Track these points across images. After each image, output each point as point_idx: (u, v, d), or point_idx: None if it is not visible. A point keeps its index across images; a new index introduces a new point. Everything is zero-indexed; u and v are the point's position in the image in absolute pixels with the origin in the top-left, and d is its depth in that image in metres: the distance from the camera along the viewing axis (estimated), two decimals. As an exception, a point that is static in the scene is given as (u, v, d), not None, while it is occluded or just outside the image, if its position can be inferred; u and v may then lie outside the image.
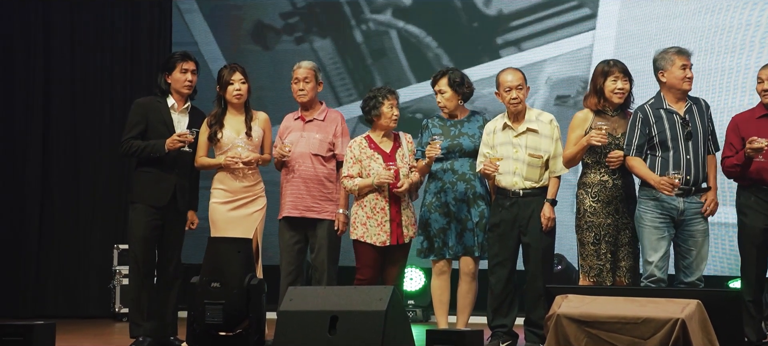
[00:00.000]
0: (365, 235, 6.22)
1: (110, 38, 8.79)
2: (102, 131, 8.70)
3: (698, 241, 5.83)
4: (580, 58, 8.26)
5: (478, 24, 8.50)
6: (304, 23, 8.78)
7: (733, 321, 5.00)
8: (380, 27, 8.72)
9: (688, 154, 5.80)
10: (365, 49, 6.81)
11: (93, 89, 8.76)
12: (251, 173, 6.36)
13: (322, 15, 8.76)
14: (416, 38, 8.64)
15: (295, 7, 8.85)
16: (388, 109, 6.25)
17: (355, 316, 5.16)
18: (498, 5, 8.51)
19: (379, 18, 8.75)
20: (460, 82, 6.31)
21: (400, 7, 8.69)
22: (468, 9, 8.57)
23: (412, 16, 8.66)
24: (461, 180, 6.27)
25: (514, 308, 6.27)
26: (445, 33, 8.60)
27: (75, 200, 8.70)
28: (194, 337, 5.72)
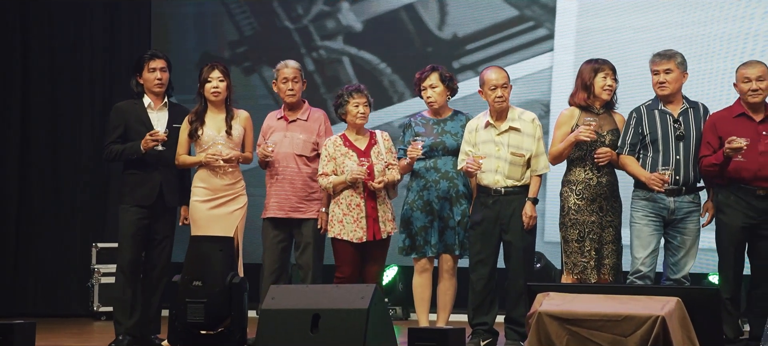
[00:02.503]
0: (342, 232, 6.21)
1: (90, 39, 8.76)
2: (82, 131, 8.65)
3: (688, 240, 5.92)
4: (540, 80, 8.24)
5: (432, 48, 8.44)
6: (253, 52, 8.70)
7: (712, 318, 5.05)
8: (332, 54, 8.66)
9: (678, 154, 5.89)
10: (318, 77, 6.80)
11: (73, 89, 8.72)
12: (232, 170, 6.34)
13: (270, 43, 8.65)
14: (370, 65, 8.60)
15: (242, 36, 8.79)
16: (353, 108, 6.24)
17: (337, 314, 5.17)
18: (452, 29, 8.46)
19: (330, 45, 8.70)
20: (449, 77, 6.36)
21: (351, 33, 8.64)
22: (421, 33, 8.53)
23: (364, 43, 8.61)
24: (444, 178, 6.28)
25: (495, 306, 6.28)
26: (400, 58, 8.54)
27: (54, 199, 8.65)
28: (176, 335, 5.71)
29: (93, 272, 8.25)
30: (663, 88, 5.96)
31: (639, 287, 5.61)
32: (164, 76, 6.40)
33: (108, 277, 7.79)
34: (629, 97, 6.38)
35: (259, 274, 6.51)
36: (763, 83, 5.89)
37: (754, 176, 5.86)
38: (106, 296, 7.94)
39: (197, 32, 8.89)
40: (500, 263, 6.29)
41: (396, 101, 8.47)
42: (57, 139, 8.67)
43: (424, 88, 6.35)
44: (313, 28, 8.69)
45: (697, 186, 6.00)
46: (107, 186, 8.47)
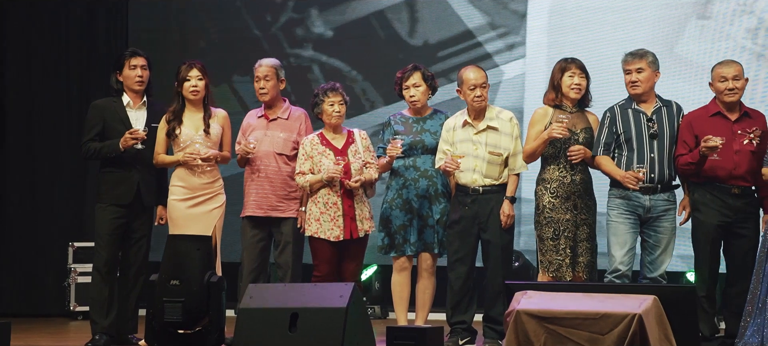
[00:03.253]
0: (319, 230, 6.22)
1: (67, 36, 8.71)
2: (60, 129, 8.59)
3: (664, 238, 5.98)
4: (513, 88, 8.27)
5: (403, 56, 8.37)
6: (221, 60, 8.63)
7: (688, 316, 5.11)
8: (302, 62, 8.64)
9: (653, 152, 5.96)
10: (288, 86, 6.84)
11: (50, 87, 8.66)
12: (210, 169, 6.34)
13: (238, 51, 8.62)
14: (340, 72, 8.59)
15: (209, 43, 8.78)
16: (328, 107, 6.25)
17: (315, 313, 5.18)
18: (423, 36, 8.47)
19: (300, 53, 8.69)
20: (431, 76, 6.41)
21: (321, 41, 8.62)
22: (392, 40, 8.52)
23: (334, 50, 8.60)
24: (423, 177, 6.32)
25: (473, 305, 6.32)
26: (371, 66, 8.55)
27: (31, 198, 8.59)
28: (153, 335, 5.71)
29: (69, 271, 8.21)
30: (635, 87, 6.02)
31: (616, 286, 5.66)
32: (145, 74, 6.40)
33: (85, 276, 7.76)
34: (602, 97, 6.43)
35: (238, 273, 6.52)
36: (739, 82, 5.98)
37: (730, 174, 5.95)
38: (83, 295, 7.90)
39: (171, 37, 8.92)
40: (479, 261, 6.33)
41: (368, 109, 8.48)
42: (33, 137, 8.61)
43: (406, 86, 6.37)
44: (282, 35, 8.69)
45: (673, 184, 6.07)
46: (84, 185, 8.43)
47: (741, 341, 5.76)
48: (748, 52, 7.82)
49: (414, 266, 6.45)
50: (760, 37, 7.85)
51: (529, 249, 8.00)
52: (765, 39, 7.84)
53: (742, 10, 7.92)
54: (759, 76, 7.76)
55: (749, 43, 7.85)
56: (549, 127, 5.98)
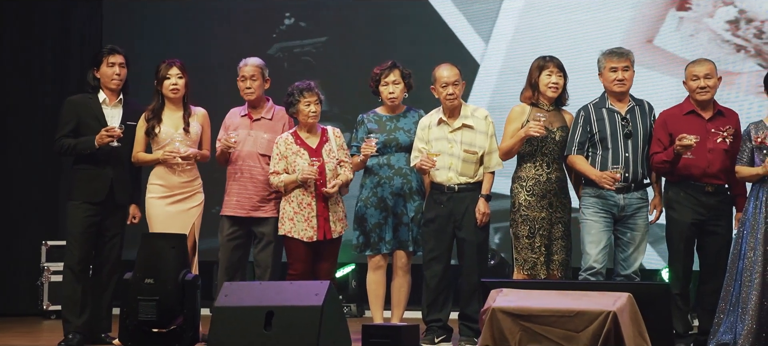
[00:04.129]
0: (293, 230, 6.27)
1: (40, 33, 8.71)
2: (33, 127, 8.61)
3: (637, 235, 6.07)
4: (483, 87, 8.37)
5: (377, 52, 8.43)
6: (199, 58, 8.61)
7: (662, 313, 5.22)
8: (282, 56, 8.72)
9: (627, 152, 6.05)
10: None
11: (23, 83, 8.67)
12: (189, 168, 6.38)
13: (214, 50, 8.71)
14: (311, 66, 8.72)
15: (186, 41, 8.81)
16: (304, 107, 6.29)
17: (291, 311, 5.24)
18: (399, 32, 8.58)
19: (281, 46, 8.78)
20: (408, 74, 6.47)
21: (298, 33, 8.76)
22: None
23: (312, 44, 8.74)
24: (398, 175, 6.38)
25: (449, 303, 6.39)
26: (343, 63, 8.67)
27: (4, 196, 8.60)
28: (127, 333, 5.74)
29: (43, 270, 8.24)
30: (622, 85, 6.09)
31: (591, 283, 5.74)
32: (123, 71, 6.43)
33: (58, 275, 7.72)
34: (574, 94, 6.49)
35: (214, 271, 6.58)
36: (710, 81, 6.07)
37: (703, 172, 6.04)
38: (56, 294, 7.92)
39: (146, 34, 8.95)
40: (454, 259, 6.41)
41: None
42: (7, 134, 8.61)
43: (385, 83, 6.42)
44: (260, 33, 8.80)
45: (645, 183, 6.15)
46: (58, 183, 8.45)
47: (714, 338, 5.87)
48: (729, 44, 7.92)
49: (389, 265, 6.51)
50: (741, 29, 7.94)
51: (504, 246, 8.13)
52: (746, 31, 7.93)
53: (722, 2, 8.00)
54: (739, 69, 7.87)
55: (729, 36, 7.94)
56: (526, 125, 6.05)
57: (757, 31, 7.95)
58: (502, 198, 7.01)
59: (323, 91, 6.46)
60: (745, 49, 7.94)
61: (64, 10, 8.77)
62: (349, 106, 8.27)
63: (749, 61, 7.91)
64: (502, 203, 7.12)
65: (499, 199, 6.96)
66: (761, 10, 7.93)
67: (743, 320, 5.77)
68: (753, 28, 7.96)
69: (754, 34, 7.95)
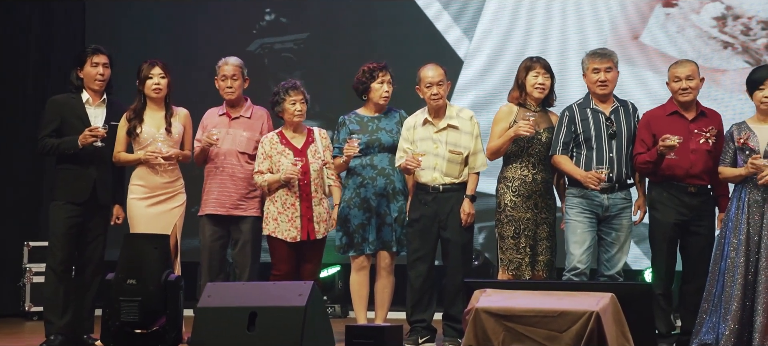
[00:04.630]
0: (277, 230, 6.35)
1: (24, 33, 8.75)
2: (16, 127, 8.64)
3: (621, 236, 6.17)
4: (466, 86, 8.47)
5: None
6: (179, 57, 8.71)
7: (645, 314, 5.31)
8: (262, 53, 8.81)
9: (612, 152, 6.16)
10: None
11: (6, 83, 8.70)
12: (171, 168, 6.45)
13: (197, 49, 8.77)
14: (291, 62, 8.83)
15: (168, 41, 8.90)
16: (290, 106, 6.37)
17: (274, 312, 5.30)
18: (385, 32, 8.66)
19: (263, 44, 8.88)
20: (392, 76, 6.55)
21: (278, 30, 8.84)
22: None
23: (295, 41, 8.83)
24: (381, 175, 6.47)
25: (433, 303, 6.48)
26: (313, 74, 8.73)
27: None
28: (109, 335, 5.79)
29: (25, 271, 8.28)
30: (605, 86, 6.20)
31: (574, 284, 5.84)
32: (106, 72, 6.48)
33: (40, 276, 7.81)
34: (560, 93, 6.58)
35: (197, 272, 6.65)
36: (692, 82, 6.17)
37: (686, 173, 6.14)
38: (38, 295, 7.97)
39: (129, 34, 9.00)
40: (438, 260, 6.50)
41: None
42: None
43: (381, 82, 6.50)
44: (240, 31, 8.89)
45: (629, 183, 6.25)
46: (40, 183, 8.50)
47: (696, 338, 5.97)
48: (716, 41, 8.01)
49: (373, 265, 6.59)
50: (728, 25, 8.01)
51: (488, 247, 8.21)
52: (732, 28, 8.00)
53: (709, -2, 8.08)
54: (726, 66, 7.95)
55: (716, 32, 8.02)
56: (515, 125, 6.14)
57: (744, 28, 8.03)
58: (487, 197, 7.11)
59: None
60: (732, 46, 8.02)
61: (47, 10, 8.79)
62: (331, 104, 8.35)
63: (736, 58, 8.00)
64: (487, 203, 7.25)
65: (484, 198, 7.05)
66: (748, 7, 7.99)
67: (725, 321, 5.87)
68: (740, 25, 8.04)
69: (741, 30, 8.03)
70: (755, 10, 8.02)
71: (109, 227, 6.57)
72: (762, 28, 8.01)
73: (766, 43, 7.99)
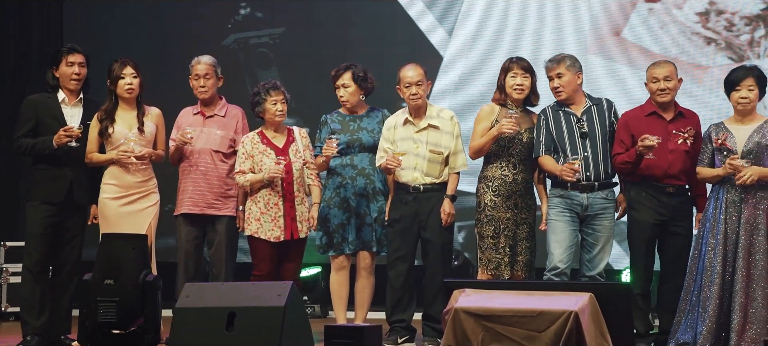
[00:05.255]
0: (259, 230, 6.48)
1: (1, 32, 8.81)
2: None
3: (602, 236, 6.34)
4: (444, 86, 8.61)
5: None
6: (157, 56, 8.84)
7: (623, 313, 5.49)
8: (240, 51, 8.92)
9: (586, 151, 6.33)
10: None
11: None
12: (144, 168, 6.55)
13: (174, 47, 8.85)
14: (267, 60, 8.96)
15: (146, 40, 8.98)
16: (271, 105, 6.51)
17: (253, 312, 5.40)
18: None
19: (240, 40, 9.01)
20: (363, 76, 6.67)
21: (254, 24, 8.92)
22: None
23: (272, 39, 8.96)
24: (361, 175, 6.64)
25: (413, 303, 6.64)
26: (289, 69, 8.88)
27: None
28: (86, 335, 5.89)
29: (1, 271, 8.33)
30: (559, 93, 6.39)
31: (553, 284, 6.02)
32: (82, 71, 6.57)
33: (17, 276, 7.85)
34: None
35: (175, 272, 6.75)
36: (670, 83, 6.34)
37: (665, 173, 6.32)
38: (15, 295, 8.03)
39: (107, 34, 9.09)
40: (418, 260, 6.66)
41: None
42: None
43: (337, 86, 6.68)
44: (218, 31, 9.00)
45: (612, 182, 6.41)
46: (17, 183, 8.52)
47: (674, 338, 6.17)
48: (699, 37, 8.15)
49: (353, 265, 6.74)
50: (711, 21, 8.16)
51: (468, 246, 8.36)
52: (716, 23, 8.15)
53: (692, -7, 8.19)
54: (709, 62, 8.11)
55: (699, 28, 8.16)
56: (499, 123, 6.30)
57: (727, 24, 8.17)
58: (467, 196, 7.28)
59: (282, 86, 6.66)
60: (715, 42, 8.16)
61: (24, 9, 8.84)
62: (308, 101, 8.47)
63: (719, 54, 8.14)
64: (467, 201, 7.42)
65: (464, 197, 7.21)
66: (731, 2, 8.15)
67: (703, 320, 6.06)
68: (724, 20, 8.19)
69: (725, 26, 8.17)
70: (739, 5, 8.16)
71: (86, 227, 6.66)
72: (745, 23, 8.14)
73: (749, 39, 8.13)
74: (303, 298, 8.14)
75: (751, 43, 8.18)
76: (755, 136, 6.12)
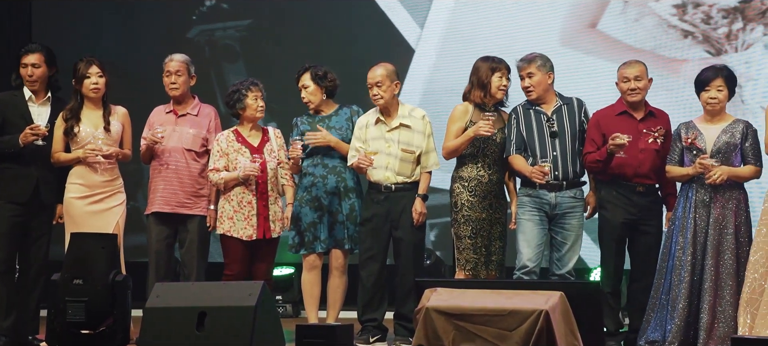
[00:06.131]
0: (232, 229, 6.79)
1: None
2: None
3: (571, 235, 6.69)
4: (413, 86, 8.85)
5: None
6: (129, 56, 9.04)
7: (593, 312, 5.81)
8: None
9: (555, 150, 6.67)
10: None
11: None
12: (110, 167, 6.79)
13: (145, 46, 8.98)
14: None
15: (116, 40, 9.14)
16: (252, 101, 6.83)
17: (224, 312, 5.57)
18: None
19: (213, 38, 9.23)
20: (322, 76, 6.96)
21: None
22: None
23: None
24: (332, 173, 6.94)
25: (385, 302, 6.96)
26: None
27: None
28: (54, 336, 6.07)
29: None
30: (529, 93, 6.72)
31: (524, 282, 6.32)
32: (36, 72, 6.79)
33: None
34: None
35: (145, 272, 7.02)
36: (640, 83, 6.69)
37: (635, 172, 6.69)
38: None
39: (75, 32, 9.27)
40: (390, 259, 6.97)
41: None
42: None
43: (300, 87, 6.98)
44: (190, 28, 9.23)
45: (580, 181, 6.75)
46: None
47: (643, 336, 6.52)
48: (675, 29, 8.43)
49: (325, 264, 7.04)
50: (688, 13, 8.43)
51: (440, 244, 8.65)
52: (693, 16, 8.41)
53: (668, -16, 8.38)
54: (686, 56, 8.42)
55: (676, 21, 8.45)
56: (476, 124, 6.59)
57: (704, 16, 8.44)
58: (439, 192, 7.59)
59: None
60: (692, 35, 8.44)
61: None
62: (276, 95, 8.49)
63: (696, 47, 8.42)
64: (439, 198, 7.74)
65: (436, 193, 7.52)
66: (709, -6, 8.31)
67: (672, 319, 6.42)
68: (700, 13, 8.46)
69: (702, 19, 8.44)
70: (717, -3, 8.33)
71: (53, 227, 6.89)
72: (723, 16, 8.40)
73: (727, 32, 8.38)
74: (276, 297, 8.49)
75: (728, 36, 8.41)
76: (724, 136, 6.47)
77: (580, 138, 6.76)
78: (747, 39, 8.43)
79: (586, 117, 6.82)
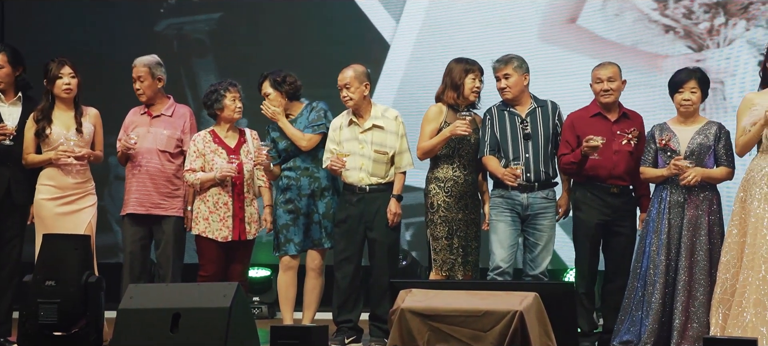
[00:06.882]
0: (207, 230, 7.08)
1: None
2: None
3: (544, 236, 7.00)
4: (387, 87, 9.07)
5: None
6: (103, 57, 9.19)
7: (568, 312, 6.10)
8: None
9: (528, 152, 6.98)
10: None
11: None
12: (82, 169, 7.02)
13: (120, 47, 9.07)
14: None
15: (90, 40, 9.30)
16: (230, 102, 7.12)
17: (198, 313, 5.79)
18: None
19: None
20: (281, 81, 7.25)
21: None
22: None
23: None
24: (305, 175, 7.26)
25: (360, 304, 7.26)
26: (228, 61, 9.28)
27: None
28: (26, 337, 6.25)
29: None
30: (505, 93, 7.01)
31: (498, 283, 6.59)
32: (1, 72, 6.98)
33: None
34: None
35: (119, 273, 7.27)
36: (613, 84, 7.01)
37: (609, 174, 7.01)
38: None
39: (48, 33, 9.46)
40: (365, 260, 7.27)
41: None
42: None
43: (263, 95, 7.26)
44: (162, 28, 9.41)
45: (552, 182, 7.06)
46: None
47: (617, 337, 6.83)
48: (657, 24, 8.70)
49: (302, 266, 7.30)
50: (669, 8, 8.72)
51: (415, 244, 8.90)
52: (674, 11, 8.71)
53: (649, -22, 8.58)
54: (667, 52, 8.71)
55: (657, 16, 8.71)
56: (452, 125, 6.88)
57: (686, 11, 8.74)
58: (414, 191, 7.88)
59: (218, 76, 7.17)
60: (674, 30, 8.73)
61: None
62: (246, 91, 8.83)
63: (678, 43, 8.72)
64: (414, 198, 8.03)
65: (410, 192, 7.77)
66: (691, -11, 8.52)
67: (646, 319, 6.72)
68: (682, 8, 8.77)
69: (683, 14, 8.74)
70: (698, -8, 8.53)
71: (26, 228, 7.12)
72: (705, 11, 8.70)
73: (708, 27, 8.67)
74: (253, 299, 8.80)
75: (710, 31, 8.69)
76: (698, 138, 6.80)
77: (554, 141, 7.05)
78: (729, 34, 8.69)
79: (560, 120, 7.11)
